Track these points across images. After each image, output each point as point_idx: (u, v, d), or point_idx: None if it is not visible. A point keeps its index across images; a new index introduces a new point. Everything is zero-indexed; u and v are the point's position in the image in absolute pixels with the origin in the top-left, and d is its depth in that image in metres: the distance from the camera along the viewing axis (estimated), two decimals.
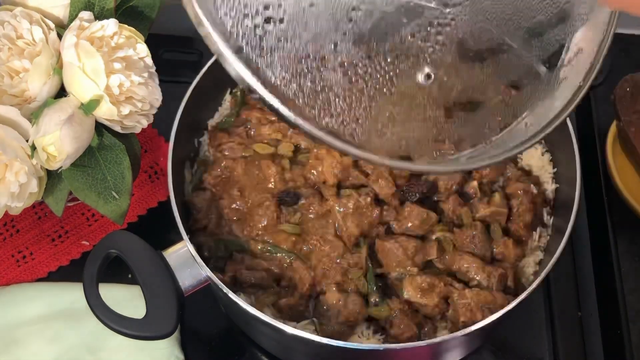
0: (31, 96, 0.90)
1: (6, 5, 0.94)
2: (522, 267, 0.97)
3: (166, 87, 0.98)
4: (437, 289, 0.90)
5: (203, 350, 1.04)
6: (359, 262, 0.93)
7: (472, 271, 0.92)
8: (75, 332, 1.01)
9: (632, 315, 1.01)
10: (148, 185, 1.16)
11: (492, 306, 0.88)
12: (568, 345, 1.04)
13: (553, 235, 0.98)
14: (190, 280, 0.86)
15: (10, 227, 1.11)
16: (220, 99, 1.12)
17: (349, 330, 0.90)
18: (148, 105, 0.94)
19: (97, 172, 0.95)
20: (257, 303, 0.92)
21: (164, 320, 0.82)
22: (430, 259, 0.94)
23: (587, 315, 1.08)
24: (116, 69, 0.90)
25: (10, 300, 1.03)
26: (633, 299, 1.03)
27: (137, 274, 0.84)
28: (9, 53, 0.89)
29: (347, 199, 0.94)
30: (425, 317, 0.92)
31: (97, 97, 0.89)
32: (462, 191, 0.98)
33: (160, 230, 0.99)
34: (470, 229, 0.94)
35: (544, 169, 1.04)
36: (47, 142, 0.87)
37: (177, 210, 0.89)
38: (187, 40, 1.35)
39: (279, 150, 1.01)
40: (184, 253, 0.87)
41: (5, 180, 0.88)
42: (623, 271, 1.05)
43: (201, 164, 1.06)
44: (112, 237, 0.86)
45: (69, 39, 0.89)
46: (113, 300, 0.83)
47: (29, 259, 1.09)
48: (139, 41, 0.93)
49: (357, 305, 0.89)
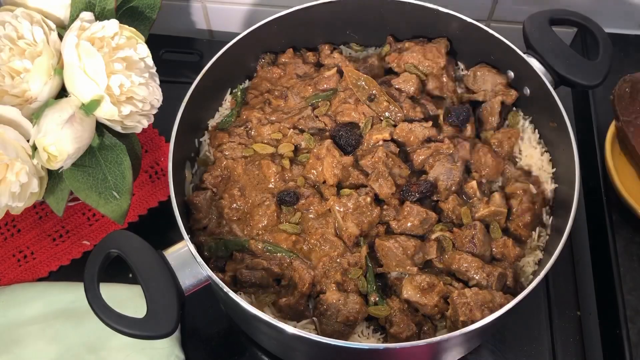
0: (32, 96, 0.90)
1: (7, 6, 0.94)
2: (521, 266, 0.97)
3: (166, 87, 0.99)
4: (436, 289, 0.91)
5: (203, 350, 1.04)
6: (359, 261, 0.93)
7: (471, 271, 0.92)
8: (76, 331, 1.01)
9: (631, 315, 1.02)
10: (148, 185, 1.16)
11: (492, 305, 0.88)
12: (567, 345, 1.05)
13: (552, 235, 0.98)
14: (191, 279, 0.87)
15: (11, 227, 1.11)
16: (221, 99, 1.12)
17: (348, 329, 0.90)
18: (149, 105, 0.95)
19: (98, 172, 0.95)
20: (257, 302, 0.92)
21: (165, 320, 0.83)
22: (429, 259, 0.94)
23: (586, 314, 1.08)
24: (117, 70, 0.90)
25: (11, 299, 1.03)
26: (632, 298, 1.03)
27: (138, 274, 0.84)
28: (10, 53, 0.89)
29: (347, 199, 0.94)
30: (425, 316, 0.92)
31: (98, 97, 0.89)
32: (461, 191, 0.99)
33: (161, 230, 0.99)
34: (470, 229, 0.94)
35: (544, 169, 1.04)
36: (48, 142, 0.87)
37: (178, 210, 0.89)
38: (187, 41, 1.36)
39: (279, 150, 1.01)
40: (185, 253, 0.87)
41: (7, 180, 0.88)
42: (622, 271, 1.05)
43: (202, 163, 1.06)
44: (112, 237, 0.87)
45: (70, 40, 0.89)
46: (114, 299, 0.83)
47: (30, 259, 1.09)
48: (139, 42, 0.94)
49: (357, 304, 0.89)
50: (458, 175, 0.98)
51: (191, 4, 1.35)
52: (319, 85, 1.08)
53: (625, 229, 1.09)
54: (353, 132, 1.01)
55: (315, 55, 1.15)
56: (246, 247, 0.94)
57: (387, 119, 1.02)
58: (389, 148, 0.99)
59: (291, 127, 1.03)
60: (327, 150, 0.97)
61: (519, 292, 0.85)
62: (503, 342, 1.05)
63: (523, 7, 1.27)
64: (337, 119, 1.04)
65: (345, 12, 1.12)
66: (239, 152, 1.02)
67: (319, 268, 0.92)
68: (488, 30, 1.06)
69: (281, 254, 0.93)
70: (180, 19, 1.38)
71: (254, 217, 0.96)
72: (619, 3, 1.29)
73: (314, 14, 1.10)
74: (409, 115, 1.03)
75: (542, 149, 1.06)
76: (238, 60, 1.10)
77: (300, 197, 0.96)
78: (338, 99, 1.05)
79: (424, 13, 1.09)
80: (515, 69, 1.08)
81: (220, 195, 1.00)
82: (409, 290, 0.91)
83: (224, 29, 1.41)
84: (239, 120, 1.08)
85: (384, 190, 0.96)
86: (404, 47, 1.11)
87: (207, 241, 0.96)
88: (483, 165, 1.00)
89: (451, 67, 1.12)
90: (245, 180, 0.99)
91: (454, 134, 1.03)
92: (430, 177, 0.98)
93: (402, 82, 1.06)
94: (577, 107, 1.28)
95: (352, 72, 1.05)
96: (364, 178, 0.97)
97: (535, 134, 1.07)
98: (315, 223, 0.95)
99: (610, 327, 1.04)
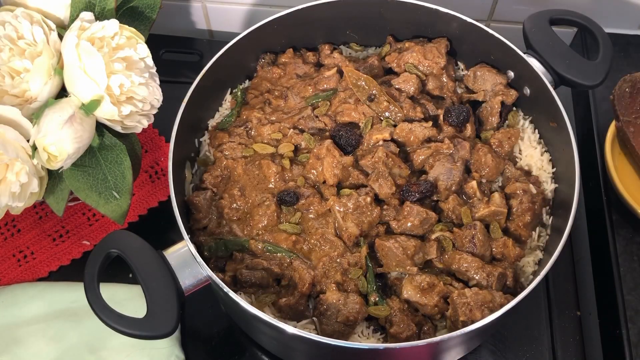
0: (32, 96, 0.90)
1: (7, 6, 0.94)
2: (521, 266, 0.97)
3: (166, 87, 0.99)
4: (436, 289, 0.91)
5: (203, 350, 1.04)
6: (359, 261, 0.93)
7: (471, 271, 0.92)
8: (76, 331, 1.01)
9: (631, 315, 1.02)
10: (149, 185, 1.16)
11: (492, 305, 0.88)
12: (567, 345, 1.05)
13: (552, 235, 0.98)
14: (191, 279, 0.87)
15: (12, 227, 1.11)
16: (221, 99, 1.12)
17: (348, 329, 0.90)
18: (149, 105, 0.95)
19: (98, 172, 0.95)
20: (257, 302, 0.92)
21: (165, 320, 0.83)
22: (429, 259, 0.94)
23: (586, 314, 1.08)
24: (117, 70, 0.90)
25: (11, 299, 1.03)
26: (632, 298, 1.03)
27: (138, 274, 0.84)
28: (10, 53, 0.89)
29: (347, 199, 0.95)
30: (425, 316, 0.92)
31: (98, 97, 0.89)
32: (461, 191, 0.99)
33: (161, 230, 0.99)
34: (470, 229, 0.94)
35: (543, 169, 1.04)
36: (48, 142, 0.87)
37: (178, 210, 0.89)
38: (187, 41, 1.36)
39: (279, 150, 1.01)
40: (185, 253, 0.87)
41: (7, 180, 0.89)
42: (622, 271, 1.05)
43: (202, 163, 1.06)
44: (112, 237, 0.87)
45: (70, 40, 0.89)
46: (114, 299, 0.83)
47: (30, 259, 1.09)
48: (139, 42, 0.94)
49: (357, 304, 0.89)
50: (458, 175, 0.98)
51: (191, 4, 1.35)
52: (319, 85, 1.08)
53: (625, 229, 1.09)
54: (353, 132, 1.01)
55: (315, 55, 1.15)
56: (246, 247, 0.94)
57: (387, 119, 1.02)
58: (389, 148, 0.99)
59: (291, 127, 1.04)
60: (327, 150, 0.97)
61: (519, 292, 0.85)
62: (503, 342, 1.05)
63: (523, 7, 1.27)
64: (337, 119, 1.04)
65: (345, 12, 1.12)
66: (239, 152, 1.02)
67: (319, 268, 0.92)
68: (488, 30, 1.06)
69: (281, 254, 0.93)
70: (180, 19, 1.38)
71: (254, 217, 0.96)
72: (619, 3, 1.29)
73: (314, 14, 1.10)
74: (409, 115, 1.03)
75: (542, 149, 1.06)
76: (238, 60, 1.10)
77: (300, 197, 0.96)
78: (338, 99, 1.05)
79: (424, 13, 1.09)
80: (515, 69, 1.08)
81: (220, 195, 1.00)
82: (409, 290, 0.91)
83: (224, 29, 1.41)
84: (239, 120, 1.08)
85: (384, 190, 0.96)
86: (404, 47, 1.11)
87: (207, 241, 0.96)
88: (483, 165, 1.00)
89: (451, 67, 1.12)
90: (245, 180, 1.00)
91: (454, 134, 1.03)
92: (430, 177, 0.98)
93: (402, 82, 1.06)
94: (577, 107, 1.28)
95: (352, 72, 1.05)
96: (364, 178, 0.98)
97: (535, 134, 1.07)
98: (315, 223, 0.95)
99: (610, 327, 1.04)
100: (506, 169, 1.02)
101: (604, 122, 1.17)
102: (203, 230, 0.98)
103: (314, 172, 0.98)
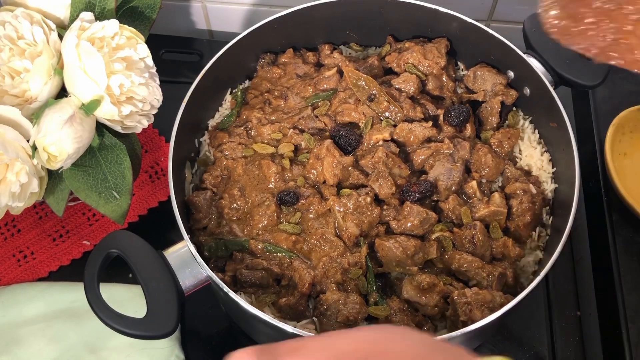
0: (32, 96, 0.90)
1: (7, 6, 0.94)
2: (521, 266, 0.97)
3: (166, 87, 0.99)
4: (436, 288, 0.91)
5: (203, 350, 1.04)
6: (359, 261, 0.93)
7: (471, 270, 0.92)
8: (76, 331, 1.01)
9: (631, 315, 1.02)
10: (149, 185, 1.16)
11: (492, 305, 0.88)
12: (567, 345, 1.05)
13: (552, 235, 0.98)
14: (191, 279, 0.87)
15: (11, 227, 1.11)
16: (221, 99, 1.12)
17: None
18: (149, 105, 0.95)
19: (98, 172, 0.95)
20: (257, 302, 0.92)
21: (165, 320, 0.83)
22: (429, 259, 0.94)
23: (586, 314, 1.08)
24: (117, 70, 0.90)
25: (11, 299, 1.03)
26: (632, 298, 1.03)
27: (138, 274, 0.84)
28: (10, 53, 0.89)
29: (347, 199, 0.95)
30: (425, 316, 0.92)
31: (98, 97, 0.89)
32: (461, 191, 0.99)
33: (161, 230, 0.99)
34: (470, 229, 0.94)
35: (543, 169, 1.04)
36: (48, 142, 0.87)
37: (178, 210, 0.89)
38: (187, 41, 1.36)
39: (279, 150, 1.01)
40: (185, 253, 0.87)
41: (7, 180, 0.89)
42: (622, 271, 1.05)
43: (202, 163, 1.06)
44: (112, 237, 0.87)
45: (70, 40, 0.89)
46: (114, 299, 0.83)
47: (30, 259, 1.09)
48: (139, 42, 0.94)
49: (357, 304, 0.89)
50: (458, 175, 0.98)
51: (191, 4, 1.35)
52: (319, 85, 1.08)
53: (625, 229, 1.09)
54: (353, 132, 1.01)
55: (315, 55, 1.15)
56: (246, 247, 0.94)
57: (387, 119, 1.02)
58: (389, 148, 0.99)
59: (291, 127, 1.04)
60: (327, 150, 0.97)
61: (519, 292, 0.85)
62: (503, 342, 1.05)
63: (523, 7, 1.27)
64: (337, 119, 1.04)
65: (345, 12, 1.12)
66: (239, 152, 1.02)
67: (319, 268, 0.92)
68: (488, 30, 1.06)
69: (281, 254, 0.93)
70: (180, 19, 1.38)
71: (254, 217, 0.96)
72: None
73: (314, 14, 1.10)
74: (409, 115, 1.03)
75: (542, 149, 1.06)
76: (238, 60, 1.10)
77: (300, 197, 0.96)
78: (338, 99, 1.05)
79: (424, 13, 1.09)
80: (515, 69, 1.08)
81: (220, 195, 1.00)
82: (409, 290, 0.91)
83: (224, 29, 1.41)
84: (239, 120, 1.08)
85: (384, 190, 0.96)
86: (404, 47, 1.11)
87: (207, 241, 0.96)
88: (483, 165, 1.00)
89: (451, 67, 1.12)
90: (245, 180, 1.00)
91: (454, 134, 1.03)
92: (430, 177, 0.98)
93: (402, 82, 1.06)
94: (577, 107, 1.28)
95: (352, 72, 1.05)
96: (364, 178, 0.98)
97: (535, 134, 1.07)
98: (315, 223, 0.95)
99: (610, 327, 1.04)
100: (506, 169, 1.02)
101: (604, 122, 1.17)
102: (203, 230, 0.98)
103: (314, 172, 0.98)
